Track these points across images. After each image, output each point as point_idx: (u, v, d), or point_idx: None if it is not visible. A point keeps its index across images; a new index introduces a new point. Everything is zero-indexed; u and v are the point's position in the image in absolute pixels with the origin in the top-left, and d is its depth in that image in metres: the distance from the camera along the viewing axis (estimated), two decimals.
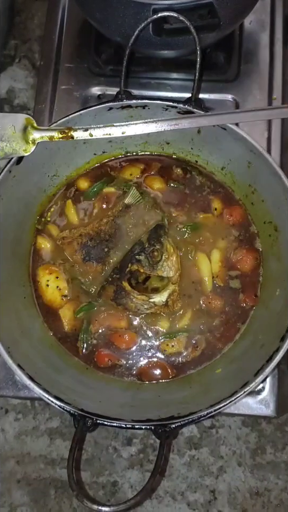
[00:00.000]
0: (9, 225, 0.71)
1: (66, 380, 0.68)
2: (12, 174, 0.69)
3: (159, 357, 0.72)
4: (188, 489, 0.94)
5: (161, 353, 0.72)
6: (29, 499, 0.94)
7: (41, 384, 0.63)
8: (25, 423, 0.97)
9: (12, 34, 1.13)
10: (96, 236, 0.75)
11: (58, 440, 0.96)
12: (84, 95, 0.90)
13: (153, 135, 0.76)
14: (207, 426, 0.97)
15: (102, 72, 0.91)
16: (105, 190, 0.79)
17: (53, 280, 0.75)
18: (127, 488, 0.94)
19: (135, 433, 0.96)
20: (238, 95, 0.88)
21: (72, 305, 0.75)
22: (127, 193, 0.76)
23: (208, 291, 0.74)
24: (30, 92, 1.09)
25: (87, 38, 0.92)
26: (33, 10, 1.14)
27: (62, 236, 0.76)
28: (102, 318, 0.74)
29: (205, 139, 0.74)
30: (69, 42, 0.92)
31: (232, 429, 0.96)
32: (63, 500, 0.94)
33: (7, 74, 1.10)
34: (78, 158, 0.78)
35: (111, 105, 0.71)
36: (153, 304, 0.73)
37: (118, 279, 0.74)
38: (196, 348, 0.71)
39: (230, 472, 0.95)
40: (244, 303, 0.73)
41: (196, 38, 0.66)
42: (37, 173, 0.74)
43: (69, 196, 0.79)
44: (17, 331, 0.68)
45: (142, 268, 0.73)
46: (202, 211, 0.77)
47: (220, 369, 0.70)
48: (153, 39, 0.75)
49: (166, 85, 0.90)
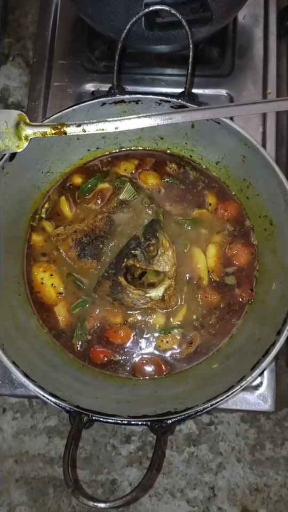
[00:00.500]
0: (3, 222, 0.71)
1: (62, 377, 0.68)
2: (5, 171, 0.69)
3: (153, 353, 0.72)
4: (187, 486, 0.94)
5: (155, 349, 0.72)
6: (27, 498, 0.94)
7: (36, 381, 0.63)
8: (23, 422, 0.97)
9: (6, 32, 1.13)
10: (91, 232, 0.75)
11: (56, 439, 0.96)
12: (78, 91, 0.89)
13: (147, 130, 0.76)
14: (206, 423, 0.96)
15: (96, 69, 0.90)
16: (100, 186, 0.78)
17: (48, 277, 0.75)
18: (126, 486, 0.94)
19: (133, 431, 0.96)
20: (232, 89, 0.87)
21: (67, 302, 0.74)
22: (122, 189, 0.76)
23: (204, 286, 0.73)
24: (24, 90, 1.09)
25: (80, 35, 0.91)
26: (26, 8, 1.14)
27: (56, 233, 0.76)
28: (97, 314, 0.73)
29: (199, 133, 0.74)
30: (62, 39, 0.92)
31: (231, 425, 0.96)
32: (61, 499, 0.94)
33: (1, 73, 1.10)
34: (72, 154, 0.77)
35: (104, 100, 0.70)
36: (150, 299, 0.72)
37: (113, 274, 0.73)
38: (190, 344, 0.71)
39: (229, 469, 0.95)
40: (240, 298, 0.73)
41: (188, 32, 0.66)
42: (30, 169, 0.74)
43: (63, 192, 0.78)
44: (12, 328, 0.68)
45: (138, 263, 0.73)
46: (197, 207, 0.77)
47: (216, 364, 0.70)
48: (145, 34, 0.74)
49: (160, 80, 0.90)
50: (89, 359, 0.72)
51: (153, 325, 0.72)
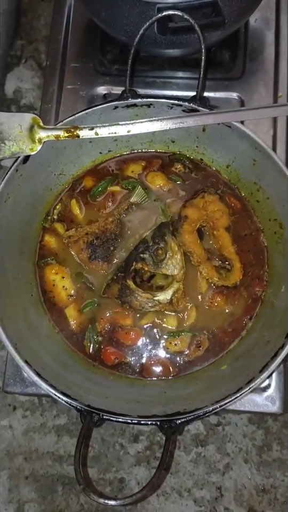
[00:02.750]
0: (16, 224, 0.72)
1: (73, 376, 0.69)
2: (19, 173, 0.70)
3: (162, 354, 0.72)
4: (194, 486, 0.95)
5: (164, 351, 0.72)
6: (36, 495, 0.95)
7: (48, 380, 0.64)
8: (33, 420, 0.98)
9: (18, 35, 1.14)
10: (102, 234, 0.76)
11: (65, 437, 0.97)
12: (90, 94, 0.90)
13: (158, 134, 0.77)
14: (214, 424, 0.97)
15: (108, 72, 0.91)
16: (111, 188, 0.79)
17: (59, 279, 0.76)
18: (134, 485, 0.95)
19: (141, 430, 0.97)
20: (243, 93, 0.88)
21: (78, 304, 0.75)
22: (133, 192, 0.77)
23: (212, 289, 0.74)
24: (36, 92, 1.10)
25: (92, 38, 0.92)
26: (39, 11, 1.15)
27: (68, 235, 0.77)
28: (108, 316, 0.74)
29: (210, 137, 0.75)
30: (74, 42, 0.93)
31: (238, 426, 0.96)
32: (70, 496, 0.95)
33: (13, 75, 1.11)
34: (84, 157, 0.78)
35: (116, 104, 0.71)
36: (158, 302, 0.73)
37: (122, 277, 0.74)
38: (199, 348, 0.72)
39: (236, 469, 0.95)
40: (250, 301, 0.73)
41: (201, 37, 0.66)
42: (43, 171, 0.75)
43: (74, 195, 0.79)
44: (25, 328, 0.69)
45: (146, 266, 0.74)
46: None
47: (225, 366, 0.70)
48: (158, 38, 0.75)
49: (172, 83, 0.91)
50: (100, 359, 0.73)
51: (163, 327, 0.73)
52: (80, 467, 0.54)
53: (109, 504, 0.52)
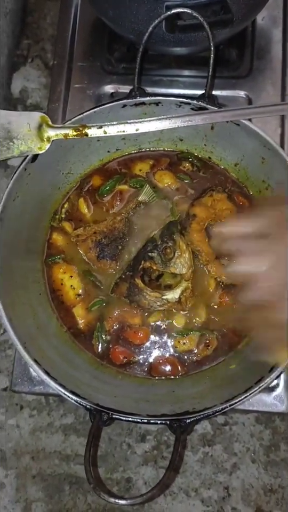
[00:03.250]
0: (25, 223, 0.72)
1: (82, 375, 0.69)
2: (27, 172, 0.70)
3: (170, 353, 0.72)
4: (201, 485, 0.94)
5: (173, 350, 0.72)
6: (44, 494, 0.95)
7: (57, 379, 0.64)
8: (40, 419, 0.98)
9: (25, 34, 1.14)
10: (110, 233, 0.76)
11: (72, 436, 0.97)
12: (97, 93, 0.90)
13: (166, 132, 0.76)
14: (221, 423, 0.97)
15: (115, 70, 0.91)
16: (119, 187, 0.79)
17: (67, 279, 0.76)
18: (141, 485, 0.94)
19: (148, 430, 0.97)
20: (251, 91, 0.88)
21: (86, 303, 0.75)
22: (141, 190, 0.77)
23: (221, 288, 0.74)
24: (43, 92, 1.10)
25: (99, 37, 0.92)
26: (45, 10, 1.15)
27: (76, 234, 0.77)
28: (116, 315, 0.74)
29: (219, 135, 0.74)
30: (81, 41, 0.93)
31: (245, 426, 0.96)
32: (77, 496, 0.95)
33: (20, 74, 1.11)
34: (92, 156, 0.78)
35: (124, 102, 0.71)
36: (166, 301, 0.73)
37: (131, 276, 0.74)
38: (207, 347, 0.71)
39: (243, 469, 0.95)
40: None
41: (210, 34, 0.66)
42: (51, 170, 0.75)
43: (82, 194, 0.79)
44: (33, 327, 0.69)
45: (154, 265, 0.73)
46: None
47: (234, 365, 0.70)
48: (166, 36, 0.75)
49: (178, 82, 0.90)
50: (108, 359, 0.73)
51: (172, 326, 0.73)
52: (90, 466, 0.54)
53: (119, 503, 0.52)
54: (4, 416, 0.98)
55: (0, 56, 1.05)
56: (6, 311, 0.64)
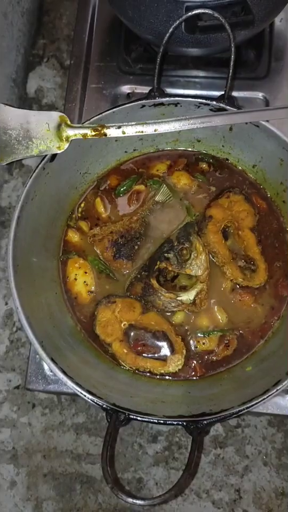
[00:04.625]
0: (42, 222, 0.72)
1: (98, 374, 0.69)
2: (46, 171, 0.70)
3: (189, 354, 0.72)
4: (213, 487, 0.94)
5: (193, 350, 0.72)
6: (55, 493, 0.95)
7: (74, 378, 0.63)
8: (51, 418, 0.98)
9: (41, 33, 1.14)
10: (126, 233, 0.76)
11: (84, 436, 0.97)
12: (113, 93, 0.90)
13: (184, 133, 0.76)
14: (233, 426, 0.96)
15: (132, 71, 0.91)
16: (135, 187, 0.79)
17: (81, 274, 0.76)
18: (152, 485, 0.94)
19: (160, 431, 0.97)
20: (268, 92, 0.87)
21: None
22: (158, 190, 0.77)
23: (237, 290, 0.74)
24: (58, 91, 1.10)
25: (116, 37, 0.93)
26: (61, 10, 1.15)
27: (93, 233, 0.77)
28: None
29: (237, 136, 0.74)
30: (98, 41, 0.93)
31: (258, 428, 0.96)
32: (88, 495, 0.95)
33: (35, 74, 1.12)
34: (109, 156, 0.78)
35: (143, 102, 0.71)
36: (181, 302, 0.73)
37: (146, 276, 0.74)
38: (227, 347, 0.71)
39: (255, 472, 0.94)
40: (276, 302, 0.73)
41: (231, 35, 0.66)
42: (69, 170, 0.75)
43: (99, 193, 0.79)
44: (50, 326, 0.69)
45: (170, 266, 0.73)
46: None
47: (250, 367, 0.70)
48: (185, 37, 0.75)
49: (195, 82, 0.90)
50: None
51: (192, 326, 0.72)
52: (108, 466, 0.54)
53: (137, 503, 0.52)
54: (16, 414, 0.98)
55: (17, 56, 1.06)
56: (23, 309, 0.64)
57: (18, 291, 0.65)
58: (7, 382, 0.99)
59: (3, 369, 1.00)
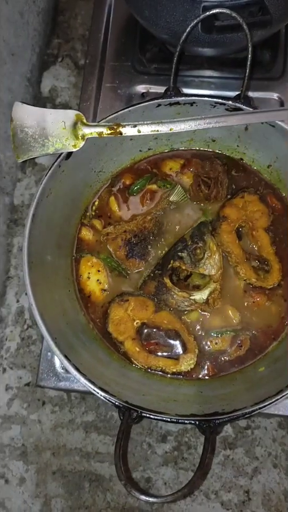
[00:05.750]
0: (57, 219, 0.73)
1: (110, 372, 0.69)
2: (61, 169, 0.71)
3: (202, 354, 0.72)
4: (221, 488, 0.94)
5: (205, 350, 0.72)
6: (63, 491, 0.96)
7: (86, 375, 0.64)
8: (61, 416, 0.98)
9: (55, 33, 1.15)
10: (140, 232, 0.76)
11: (93, 434, 0.97)
12: (128, 93, 0.91)
13: (199, 132, 0.76)
14: (243, 427, 0.96)
15: (146, 70, 0.91)
16: (149, 186, 0.79)
17: (94, 273, 0.76)
18: (160, 485, 0.94)
19: (169, 431, 0.96)
20: (283, 93, 0.87)
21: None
22: (172, 190, 0.77)
23: (251, 290, 0.73)
24: (72, 91, 1.11)
25: (132, 37, 0.93)
26: (76, 10, 1.16)
27: (106, 232, 0.77)
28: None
29: (252, 136, 0.74)
30: (114, 40, 0.93)
31: (268, 430, 0.95)
32: (97, 493, 0.95)
33: (50, 73, 1.12)
34: (124, 154, 0.79)
35: (159, 101, 0.71)
36: (194, 301, 0.73)
37: (159, 275, 0.74)
38: (240, 347, 0.71)
39: (265, 474, 0.94)
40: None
41: (248, 35, 0.66)
42: (84, 168, 0.75)
43: (113, 192, 0.80)
44: (63, 323, 0.70)
45: (184, 265, 0.73)
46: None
47: (263, 367, 0.70)
48: (201, 37, 0.75)
49: (209, 82, 0.90)
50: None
51: (204, 326, 0.72)
52: (121, 463, 0.54)
53: (150, 501, 0.52)
54: (26, 411, 0.99)
55: (32, 55, 1.06)
56: (38, 306, 0.65)
57: (33, 288, 0.65)
58: (18, 379, 1.00)
59: (14, 366, 1.00)
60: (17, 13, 0.97)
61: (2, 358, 1.01)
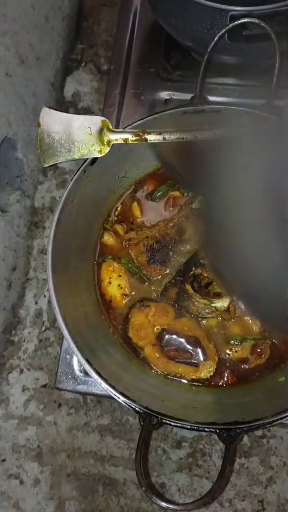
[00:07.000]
0: (80, 224, 0.74)
1: (129, 377, 0.69)
2: (86, 174, 0.71)
3: (222, 362, 0.72)
4: (236, 497, 0.93)
5: (225, 357, 0.72)
6: (77, 493, 0.96)
7: (107, 379, 0.64)
8: (77, 418, 0.99)
9: (79, 38, 1.16)
10: (162, 238, 0.76)
11: (108, 438, 0.97)
12: (151, 99, 0.91)
13: None
14: (258, 436, 0.95)
15: (170, 77, 0.92)
16: (172, 193, 0.80)
17: (115, 277, 0.77)
18: (174, 491, 0.94)
19: (184, 437, 0.96)
20: None
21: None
22: (195, 197, 0.77)
23: None
24: (94, 96, 1.12)
25: (156, 43, 0.94)
26: (100, 16, 1.17)
27: (128, 237, 0.77)
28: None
29: None
30: (138, 47, 0.94)
31: (283, 440, 0.95)
32: (110, 497, 0.95)
33: (73, 78, 1.13)
34: (148, 161, 0.79)
35: (185, 109, 0.72)
36: (215, 309, 0.73)
37: (181, 281, 0.74)
38: (260, 356, 0.71)
39: (279, 483, 0.93)
40: None
41: (276, 45, 0.66)
42: (108, 174, 0.76)
43: (136, 197, 0.80)
44: (84, 326, 0.70)
45: (205, 272, 0.74)
46: None
47: (283, 377, 0.69)
48: (227, 45, 0.75)
49: (234, 90, 0.90)
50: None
51: (226, 333, 0.72)
52: (142, 469, 0.55)
53: (170, 508, 0.52)
54: (42, 413, 0.99)
55: (56, 60, 1.08)
56: (60, 309, 0.65)
57: (56, 292, 0.66)
58: (35, 380, 1.01)
59: (31, 368, 1.01)
60: (42, 18, 0.98)
61: (20, 359, 1.02)
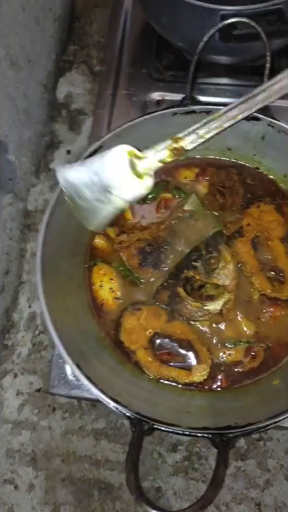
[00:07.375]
0: (71, 227, 0.73)
1: (121, 382, 0.68)
2: None
3: (215, 365, 0.71)
4: (232, 500, 0.93)
5: (218, 361, 0.71)
6: (72, 498, 0.95)
7: (98, 384, 0.63)
8: (71, 422, 0.98)
9: (71, 39, 1.16)
10: (153, 241, 0.75)
11: (103, 442, 0.97)
12: (143, 100, 0.90)
13: (215, 141, 0.75)
14: (255, 438, 0.95)
15: (162, 78, 0.91)
16: (163, 195, 0.79)
17: (107, 281, 0.76)
18: (170, 495, 0.93)
19: (180, 440, 0.96)
20: None
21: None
22: (187, 199, 0.76)
23: (265, 301, 0.72)
24: (87, 97, 1.11)
25: (148, 44, 0.93)
26: (92, 17, 1.17)
27: (119, 240, 0.77)
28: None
29: (269, 145, 0.73)
30: (130, 48, 0.94)
31: (280, 442, 0.94)
32: (106, 502, 0.95)
33: (65, 79, 1.13)
34: None
35: (175, 110, 0.71)
36: (207, 311, 0.72)
37: (173, 284, 0.74)
38: (254, 359, 0.70)
39: (276, 486, 0.93)
40: None
41: (267, 44, 0.65)
42: None
43: None
44: (75, 331, 0.69)
45: (198, 275, 0.73)
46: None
47: (277, 380, 0.68)
48: (218, 45, 0.75)
49: (225, 90, 0.90)
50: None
51: (218, 336, 0.72)
52: (133, 476, 0.54)
53: None
54: (36, 417, 0.99)
55: (48, 61, 1.07)
56: (50, 314, 0.64)
57: (46, 296, 0.65)
58: (29, 384, 1.00)
59: (25, 372, 1.00)
60: (33, 19, 0.98)
61: (14, 363, 1.01)
